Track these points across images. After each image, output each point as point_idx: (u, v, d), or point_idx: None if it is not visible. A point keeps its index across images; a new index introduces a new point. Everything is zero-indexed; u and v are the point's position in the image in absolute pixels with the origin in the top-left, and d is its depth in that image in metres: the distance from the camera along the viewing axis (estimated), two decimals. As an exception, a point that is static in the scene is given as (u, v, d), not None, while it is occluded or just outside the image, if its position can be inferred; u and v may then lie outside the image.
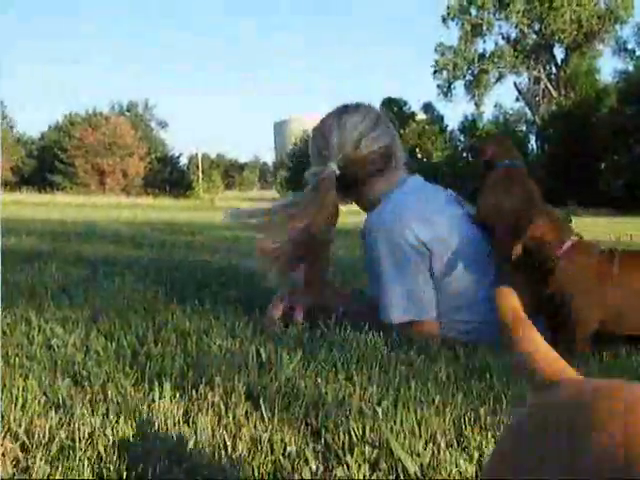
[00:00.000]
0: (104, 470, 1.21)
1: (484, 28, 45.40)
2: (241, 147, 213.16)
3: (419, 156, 44.81)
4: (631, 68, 42.68)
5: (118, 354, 1.97)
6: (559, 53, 45.82)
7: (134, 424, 1.40)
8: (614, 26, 44.26)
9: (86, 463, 1.22)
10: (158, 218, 14.09)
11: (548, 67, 46.31)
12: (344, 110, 2.59)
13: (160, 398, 1.56)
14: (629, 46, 44.44)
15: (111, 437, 1.33)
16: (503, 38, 46.31)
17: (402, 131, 42.72)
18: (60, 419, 1.44)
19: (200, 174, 52.66)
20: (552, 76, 45.75)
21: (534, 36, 45.37)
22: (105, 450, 1.28)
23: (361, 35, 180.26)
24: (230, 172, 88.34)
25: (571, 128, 38.80)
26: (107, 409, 1.50)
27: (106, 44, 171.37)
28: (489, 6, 44.85)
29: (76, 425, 1.40)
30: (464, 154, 43.97)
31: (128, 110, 58.15)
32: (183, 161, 57.57)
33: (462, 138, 46.55)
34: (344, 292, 2.90)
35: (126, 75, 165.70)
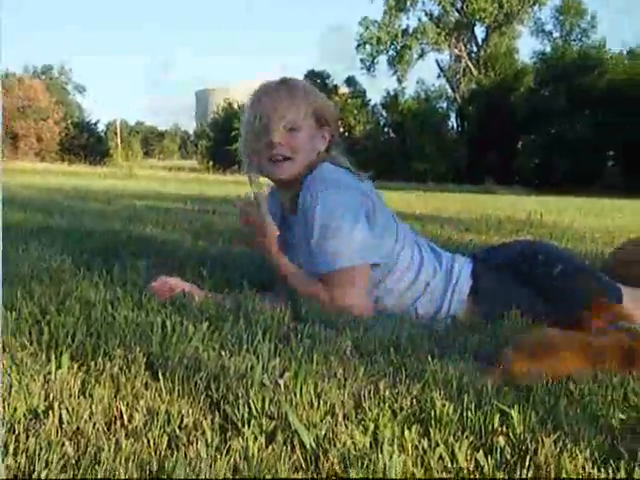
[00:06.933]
0: (-8, 444, 1.17)
1: (408, 4, 45.65)
2: (161, 115, 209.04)
3: (341, 130, 44.86)
4: (548, 49, 43.81)
5: (18, 324, 1.91)
6: (480, 32, 46.56)
7: (27, 397, 1.37)
8: (533, 7, 45.22)
9: (-27, 437, 1.18)
10: (73, 185, 13.74)
11: (469, 46, 47.01)
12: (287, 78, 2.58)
13: (57, 369, 1.52)
14: (547, 28, 45.54)
15: (0, 410, 1.30)
16: (426, 15, 46.71)
17: (324, 104, 42.60)
18: (-51, 391, 1.40)
19: (119, 141, 51.48)
20: (473, 55, 46.45)
21: (456, 14, 45.89)
22: (-6, 423, 1.24)
23: (285, 5, 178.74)
24: (150, 140, 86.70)
25: (490, 107, 39.57)
26: None
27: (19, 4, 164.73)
28: (413, -19, 45.15)
29: (-35, 397, 1.35)
30: (385, 129, 44.36)
31: (43, 73, 56.32)
32: (101, 127, 56.17)
33: (384, 113, 46.88)
34: None
35: (40, 38, 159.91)
